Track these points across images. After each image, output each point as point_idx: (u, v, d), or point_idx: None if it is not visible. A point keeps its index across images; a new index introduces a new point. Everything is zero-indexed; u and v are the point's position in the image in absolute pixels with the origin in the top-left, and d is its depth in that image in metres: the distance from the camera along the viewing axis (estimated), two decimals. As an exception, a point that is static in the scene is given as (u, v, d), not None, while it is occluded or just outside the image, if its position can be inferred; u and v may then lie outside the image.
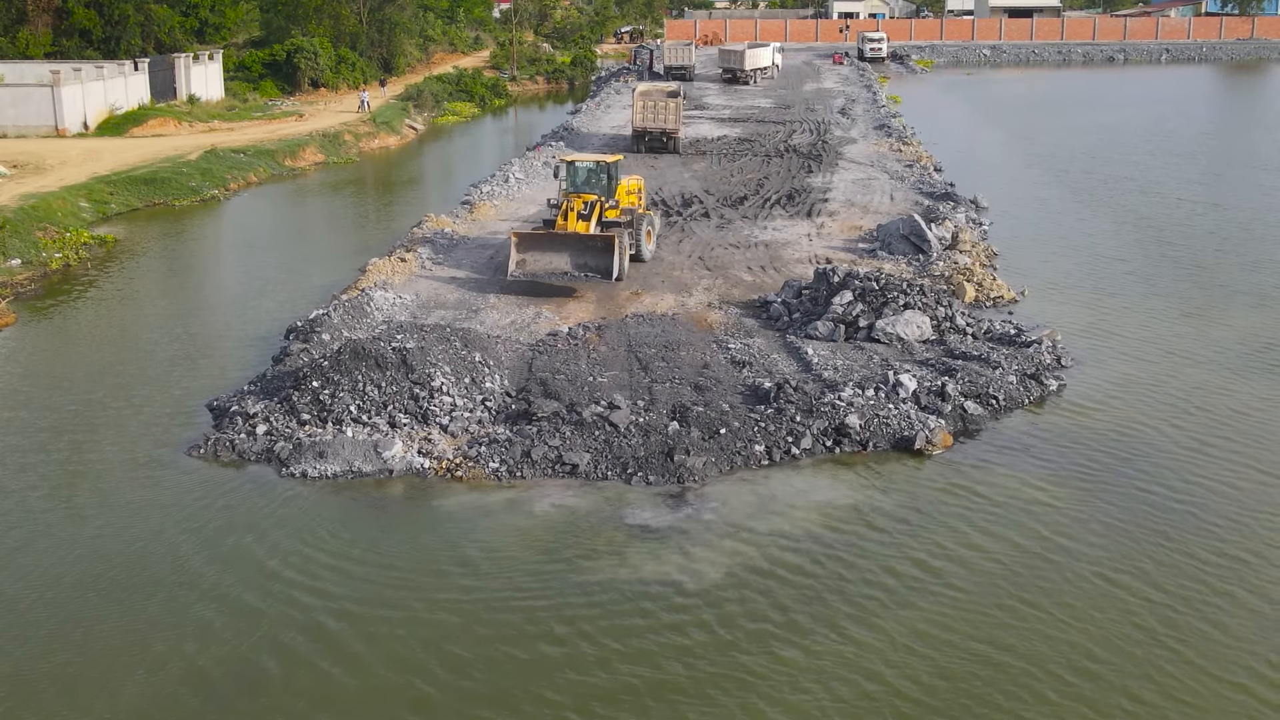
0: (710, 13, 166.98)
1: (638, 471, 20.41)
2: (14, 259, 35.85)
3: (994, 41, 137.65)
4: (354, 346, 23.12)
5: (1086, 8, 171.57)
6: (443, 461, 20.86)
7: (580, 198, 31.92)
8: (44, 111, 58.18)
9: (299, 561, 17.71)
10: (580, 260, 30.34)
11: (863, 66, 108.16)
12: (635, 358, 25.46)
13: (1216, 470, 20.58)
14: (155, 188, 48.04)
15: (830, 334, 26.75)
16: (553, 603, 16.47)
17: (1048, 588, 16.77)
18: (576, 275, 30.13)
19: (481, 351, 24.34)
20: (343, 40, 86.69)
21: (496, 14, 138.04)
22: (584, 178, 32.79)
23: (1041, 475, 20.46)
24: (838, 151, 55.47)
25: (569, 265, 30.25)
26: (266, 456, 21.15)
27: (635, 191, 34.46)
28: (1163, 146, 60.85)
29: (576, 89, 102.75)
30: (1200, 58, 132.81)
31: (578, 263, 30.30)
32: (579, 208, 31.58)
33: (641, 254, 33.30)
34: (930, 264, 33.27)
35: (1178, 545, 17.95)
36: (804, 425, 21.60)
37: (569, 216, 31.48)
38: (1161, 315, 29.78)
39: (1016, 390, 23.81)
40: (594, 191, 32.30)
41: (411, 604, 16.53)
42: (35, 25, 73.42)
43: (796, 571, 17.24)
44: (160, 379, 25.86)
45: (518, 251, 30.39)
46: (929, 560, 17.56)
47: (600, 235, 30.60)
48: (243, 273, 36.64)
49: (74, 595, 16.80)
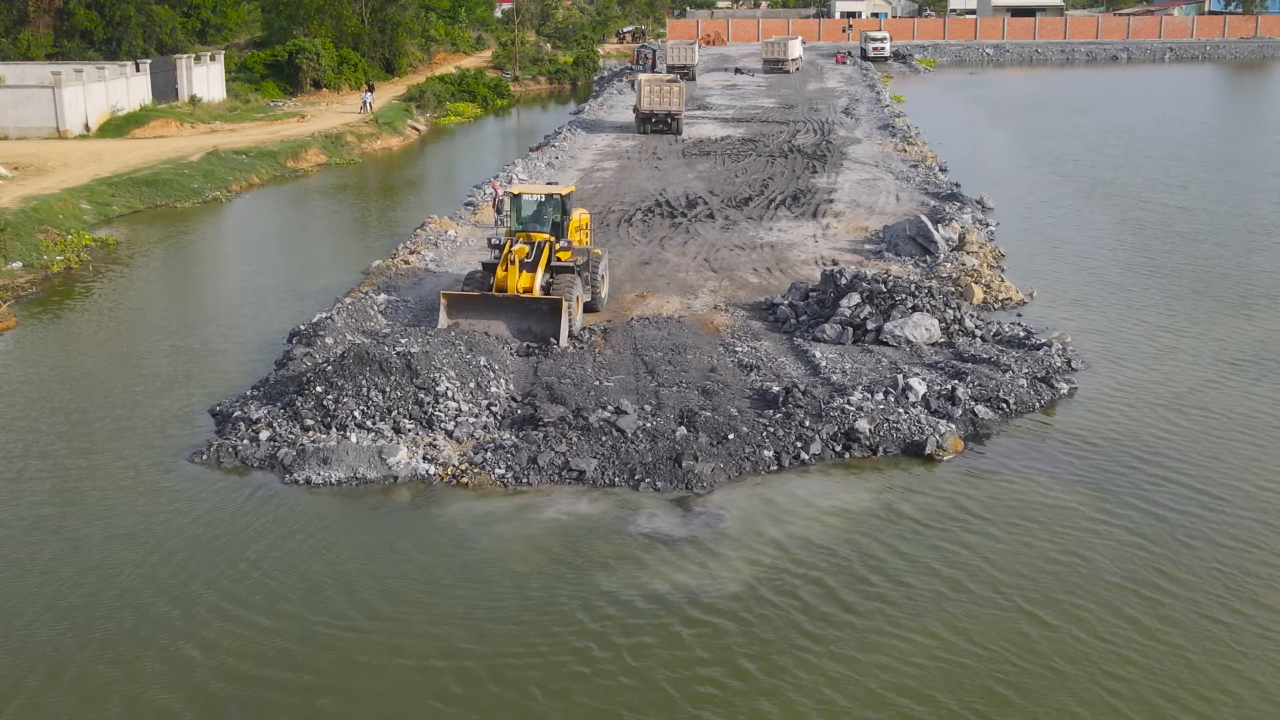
0: (712, 12, 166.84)
1: (645, 477, 20.17)
2: (15, 261, 35.63)
3: (997, 41, 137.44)
4: (358, 351, 22.89)
5: (1090, 7, 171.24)
6: (448, 468, 20.63)
7: (527, 237, 27.40)
8: (45, 113, 57.97)
9: (302, 572, 17.47)
10: (522, 325, 26.05)
11: (866, 66, 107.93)
12: (641, 361, 25.22)
13: (1231, 474, 20.32)
14: (157, 189, 47.83)
15: (838, 337, 26.52)
16: (565, 613, 16.22)
17: (1066, 595, 16.52)
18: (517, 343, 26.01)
19: (486, 355, 24.11)
20: (345, 41, 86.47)
21: (498, 14, 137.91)
22: (532, 213, 28.08)
23: (1055, 480, 20.23)
24: (842, 152, 55.25)
25: (507, 332, 25.99)
26: (270, 463, 20.91)
27: (583, 228, 29.68)
28: (1170, 147, 60.61)
29: (579, 89, 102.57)
30: (1204, 56, 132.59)
31: (518, 328, 26.01)
32: (522, 255, 26.62)
33: (596, 302, 28.70)
34: (937, 265, 33.04)
35: (1193, 550, 17.70)
36: (813, 430, 21.36)
37: (509, 268, 26.37)
38: (1173, 316, 29.53)
39: (1027, 394, 23.58)
40: (543, 229, 27.77)
41: (418, 614, 16.29)
42: (37, 26, 73.28)
43: (812, 580, 16.99)
44: (162, 383, 25.64)
45: (448, 315, 26.09)
46: (945, 568, 17.32)
47: (545, 299, 26.10)
48: (245, 275, 36.43)
49: (73, 603, 16.55)
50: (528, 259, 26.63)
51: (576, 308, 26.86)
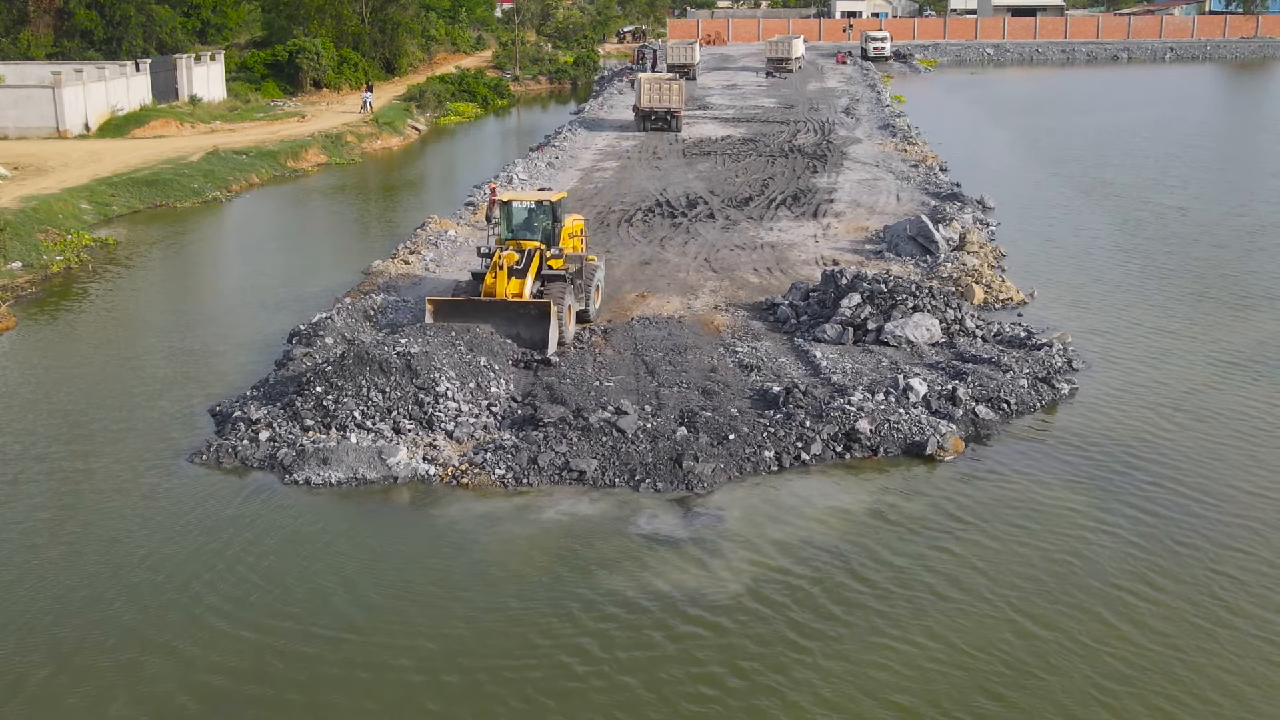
0: (713, 12, 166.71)
1: (646, 478, 20.13)
2: (15, 261, 35.59)
3: (997, 40, 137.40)
4: (358, 351, 22.86)
5: (1090, 6, 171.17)
6: (448, 468, 20.59)
7: (518, 245, 26.65)
8: (45, 113, 57.94)
9: (302, 572, 17.44)
10: (510, 331, 25.19)
11: (866, 66, 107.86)
12: (642, 361, 25.18)
13: (1231, 475, 20.28)
14: (157, 189, 47.80)
15: (839, 337, 26.47)
16: (565, 613, 16.18)
17: (1065, 595, 16.48)
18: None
19: (487, 356, 24.07)
20: (345, 40, 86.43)
21: (499, 14, 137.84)
22: (522, 220, 27.28)
23: (1055, 481, 20.18)
24: (843, 151, 55.20)
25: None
26: (269, 463, 20.87)
27: (577, 234, 28.88)
28: (1171, 148, 60.54)
29: (579, 89, 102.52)
30: (1204, 56, 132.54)
31: (506, 334, 25.20)
32: (511, 262, 25.99)
33: (589, 313, 27.68)
34: (938, 265, 32.99)
35: (1192, 552, 17.66)
36: (814, 430, 21.31)
37: (498, 274, 25.74)
38: (1174, 317, 29.48)
39: (1028, 394, 23.53)
40: (534, 237, 26.97)
41: (419, 614, 16.26)
42: (37, 26, 73.26)
43: (813, 581, 16.96)
44: (162, 384, 25.59)
45: (434, 321, 25.33)
46: (946, 569, 17.27)
47: (534, 302, 25.43)
48: (244, 275, 36.39)
49: (71, 604, 16.52)
50: (517, 265, 26.02)
51: (569, 316, 26.19)
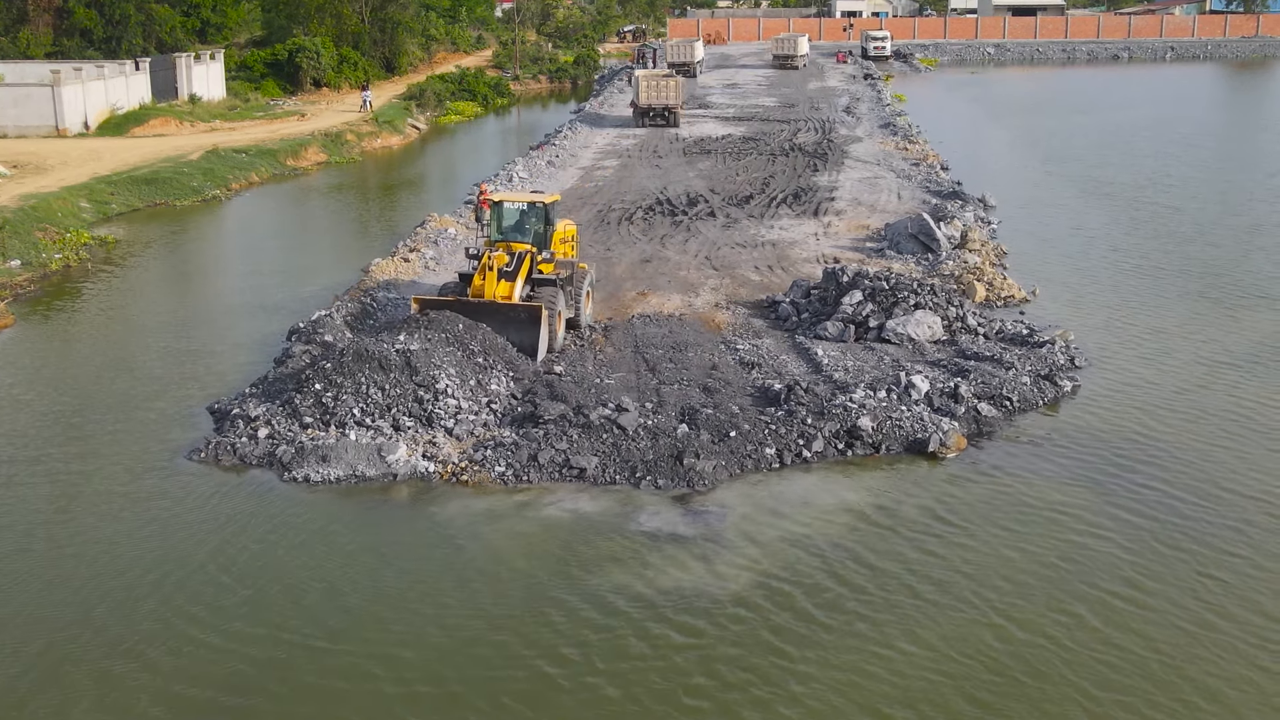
0: (713, 12, 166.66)
1: (647, 475, 20.03)
2: (14, 260, 35.50)
3: (998, 40, 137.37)
4: (357, 348, 22.76)
5: (1091, 6, 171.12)
6: (448, 465, 20.50)
7: (508, 246, 25.90)
8: (44, 111, 57.86)
9: (300, 570, 17.34)
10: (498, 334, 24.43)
11: (867, 65, 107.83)
12: (643, 359, 25.09)
13: (1233, 472, 20.18)
14: (156, 188, 47.72)
15: (840, 334, 26.38)
16: (566, 611, 16.07)
17: (1067, 594, 16.38)
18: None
19: (486, 353, 23.95)
20: (345, 40, 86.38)
21: (499, 13, 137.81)
22: (513, 222, 26.71)
23: (1058, 478, 20.09)
24: (843, 150, 55.12)
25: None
26: (268, 461, 20.77)
27: (569, 240, 28.14)
28: (1172, 146, 60.47)
29: (579, 88, 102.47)
30: (1205, 55, 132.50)
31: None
32: (501, 264, 25.30)
33: (580, 320, 27.03)
34: (939, 263, 32.90)
35: (1195, 550, 17.56)
36: (815, 428, 21.22)
37: (487, 275, 25.02)
38: (1175, 314, 29.39)
39: (1030, 391, 23.44)
40: (525, 239, 26.38)
41: (420, 613, 16.15)
42: (36, 25, 73.20)
43: (815, 579, 16.84)
44: (160, 381, 25.50)
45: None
46: (948, 567, 17.17)
47: (523, 305, 24.81)
48: (244, 273, 36.31)
49: (69, 604, 16.43)
50: (507, 267, 25.34)
51: (559, 322, 25.60)
